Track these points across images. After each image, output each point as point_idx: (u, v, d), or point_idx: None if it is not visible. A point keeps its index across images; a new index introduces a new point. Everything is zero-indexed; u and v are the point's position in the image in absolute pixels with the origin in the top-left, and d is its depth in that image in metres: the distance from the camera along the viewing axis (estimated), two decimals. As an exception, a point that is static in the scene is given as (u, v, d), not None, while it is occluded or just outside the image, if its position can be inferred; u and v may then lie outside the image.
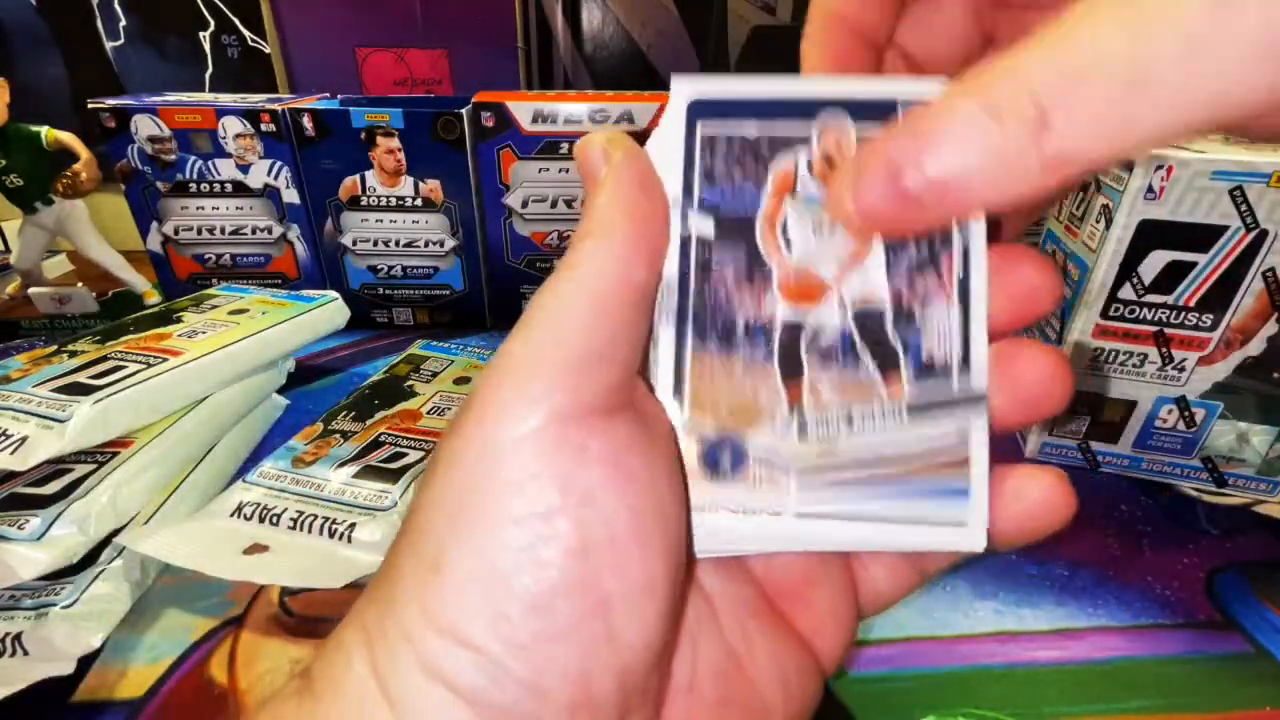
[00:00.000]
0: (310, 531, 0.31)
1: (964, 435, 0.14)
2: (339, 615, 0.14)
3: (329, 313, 0.47)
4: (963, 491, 0.14)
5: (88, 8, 0.76)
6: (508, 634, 0.12)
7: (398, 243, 0.57)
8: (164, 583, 0.33)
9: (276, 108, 0.53)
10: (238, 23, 0.78)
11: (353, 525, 0.31)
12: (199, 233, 0.57)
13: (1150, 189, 0.34)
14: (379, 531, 0.31)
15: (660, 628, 0.13)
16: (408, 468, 0.35)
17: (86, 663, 0.28)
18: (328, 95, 0.61)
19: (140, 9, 0.77)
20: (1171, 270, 0.36)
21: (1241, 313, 0.36)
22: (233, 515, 0.32)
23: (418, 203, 0.55)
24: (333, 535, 0.31)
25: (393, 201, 0.55)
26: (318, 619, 0.31)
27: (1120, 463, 0.42)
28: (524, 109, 0.52)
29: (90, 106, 0.53)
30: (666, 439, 0.14)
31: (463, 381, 0.45)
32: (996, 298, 0.15)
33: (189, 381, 0.37)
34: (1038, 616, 0.32)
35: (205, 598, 0.32)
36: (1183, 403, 0.39)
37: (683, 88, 0.15)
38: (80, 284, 0.61)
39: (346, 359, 0.55)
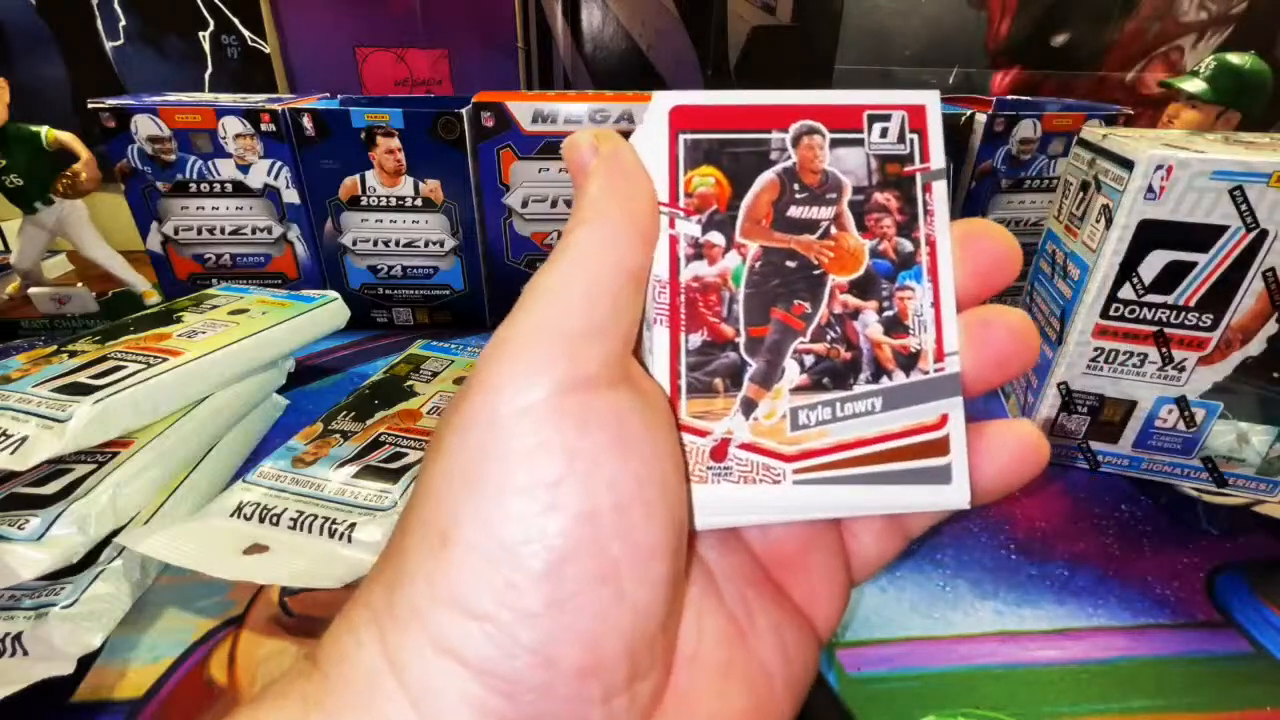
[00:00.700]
0: (310, 531, 0.31)
1: (941, 415, 0.15)
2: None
3: (329, 313, 0.47)
4: (945, 464, 0.15)
5: (88, 8, 0.76)
6: (517, 602, 0.12)
7: (398, 243, 0.57)
8: (164, 583, 0.33)
9: (276, 108, 0.53)
10: (237, 23, 0.78)
11: (353, 525, 0.31)
12: (199, 233, 0.57)
13: (1150, 189, 0.34)
14: (379, 531, 0.31)
15: (665, 593, 0.14)
16: (408, 468, 0.35)
17: (86, 663, 0.28)
18: (328, 95, 0.61)
19: (140, 9, 0.77)
20: (1171, 270, 0.36)
21: (1241, 313, 0.36)
22: (233, 515, 0.32)
23: (418, 203, 0.55)
24: (333, 535, 0.31)
25: (393, 201, 0.55)
26: (318, 619, 0.31)
27: (1120, 463, 0.42)
28: (524, 109, 0.52)
29: (90, 106, 0.53)
30: (665, 412, 0.15)
31: (463, 381, 0.45)
32: (962, 273, 0.16)
33: (189, 381, 0.37)
34: (1038, 616, 0.32)
35: (205, 598, 0.32)
36: (1183, 403, 0.39)
37: (664, 99, 0.16)
38: (80, 284, 0.61)
39: (346, 359, 0.55)
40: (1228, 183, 0.33)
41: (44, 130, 0.56)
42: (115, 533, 0.31)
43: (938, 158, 0.16)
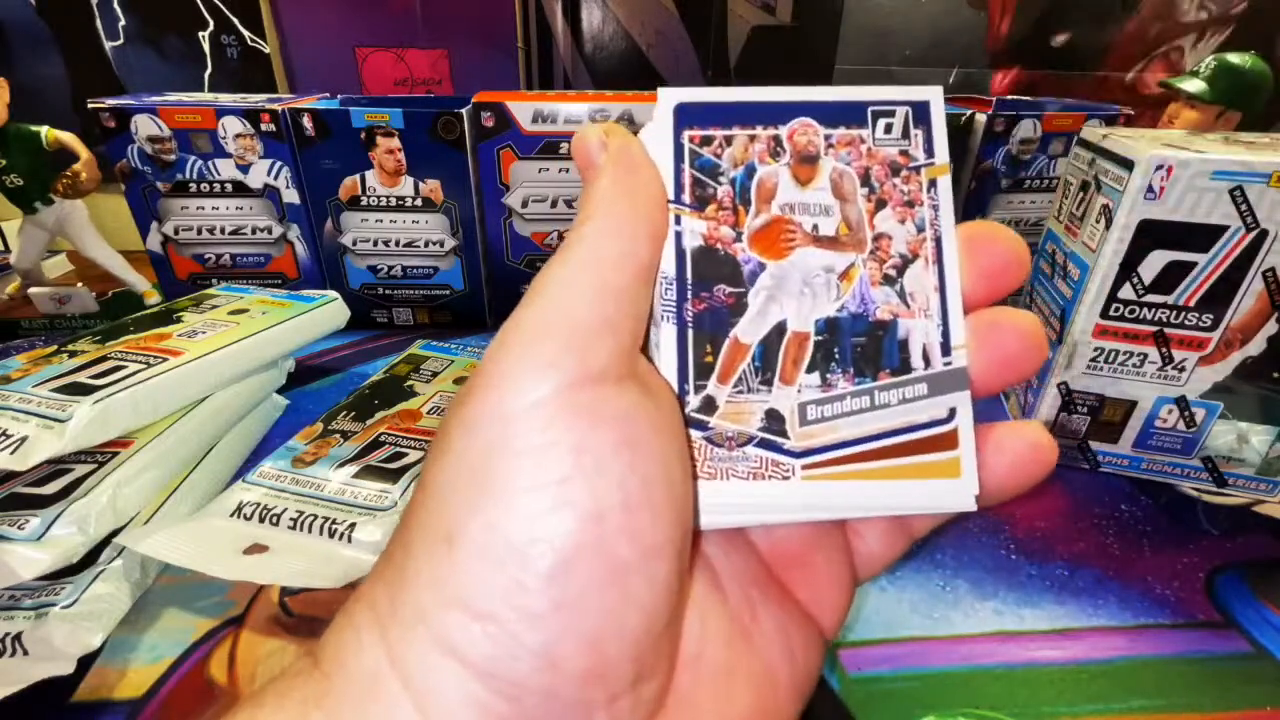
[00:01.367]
0: (310, 531, 0.31)
1: (951, 410, 0.15)
2: (338, 615, 0.14)
3: (329, 313, 0.47)
4: (953, 448, 0.15)
5: (88, 8, 0.76)
6: (523, 603, 0.12)
7: (398, 243, 0.57)
8: (164, 583, 0.33)
9: (276, 108, 0.53)
10: (237, 23, 0.78)
11: (353, 525, 0.31)
12: (199, 233, 0.57)
13: (1150, 189, 0.34)
14: (379, 531, 0.31)
15: (671, 594, 0.13)
16: (408, 468, 0.35)
17: (86, 663, 0.28)
18: (328, 95, 0.61)
19: (140, 9, 0.77)
20: (1171, 270, 0.36)
21: (1241, 313, 0.36)
22: (232, 515, 0.32)
23: (418, 203, 0.55)
24: (333, 535, 0.31)
25: (393, 201, 0.55)
26: (318, 619, 0.31)
27: (1120, 463, 0.42)
28: (524, 109, 0.52)
29: (90, 106, 0.53)
30: (673, 409, 0.15)
31: (463, 381, 0.45)
32: (970, 275, 0.16)
33: (189, 381, 0.37)
34: (1038, 616, 0.32)
35: (205, 598, 0.32)
36: (1183, 403, 0.39)
37: (668, 95, 0.16)
38: (80, 284, 0.61)
39: (346, 359, 0.55)
40: (1228, 183, 0.33)
41: (44, 130, 0.56)
42: (115, 533, 0.31)
43: (941, 153, 0.16)
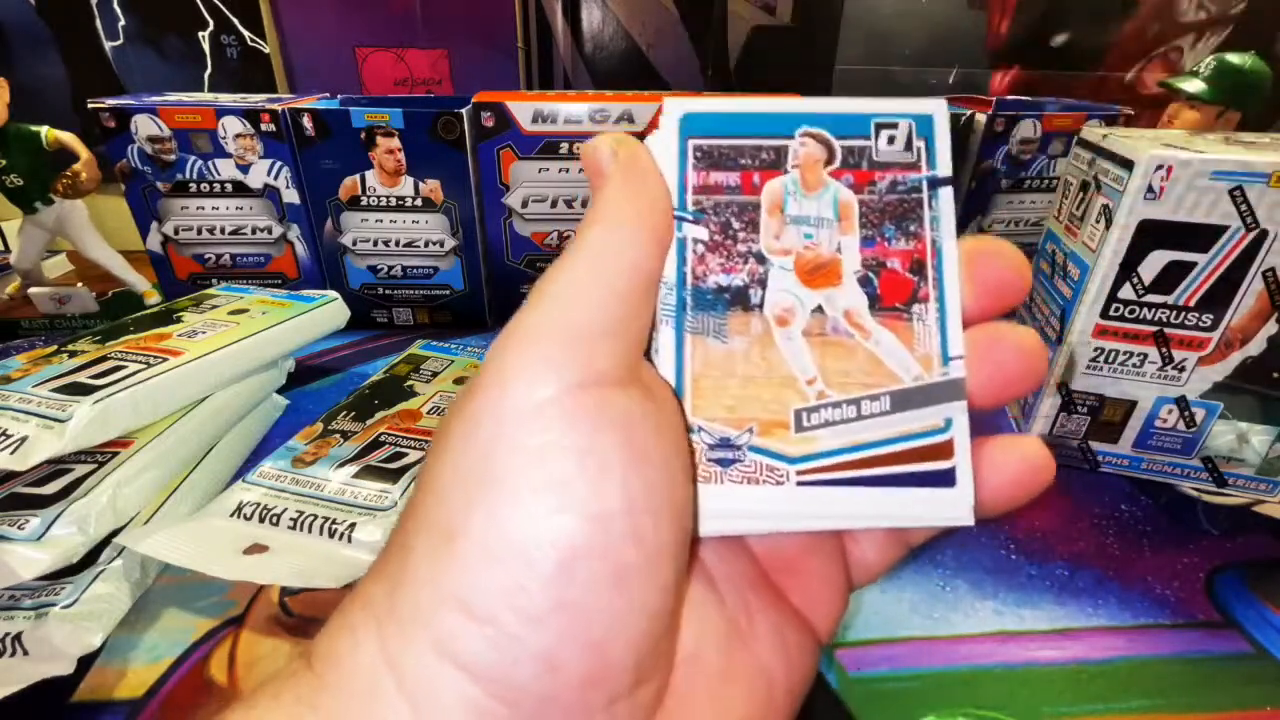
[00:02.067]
0: (310, 531, 0.31)
1: (947, 421, 0.15)
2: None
3: (329, 313, 0.47)
4: (949, 468, 0.15)
5: (88, 8, 0.76)
6: (525, 606, 0.12)
7: (398, 243, 0.57)
8: (164, 583, 0.33)
9: (276, 108, 0.53)
10: (237, 23, 0.78)
11: (353, 525, 0.31)
12: (199, 233, 0.57)
13: (1150, 189, 0.34)
14: (379, 531, 0.31)
15: (671, 598, 0.13)
16: (408, 468, 0.35)
17: (86, 663, 0.28)
18: (328, 95, 0.61)
19: (140, 9, 0.77)
20: (1171, 270, 0.36)
21: (1241, 313, 0.36)
22: (232, 515, 0.32)
23: (418, 203, 0.55)
24: (333, 535, 0.31)
25: (393, 201, 0.55)
26: (318, 619, 0.31)
27: (1120, 463, 0.42)
28: (524, 109, 0.52)
29: (90, 106, 0.53)
30: (674, 414, 0.15)
31: (463, 381, 0.45)
32: (972, 287, 0.16)
33: (189, 381, 0.37)
34: (1038, 616, 0.32)
35: (205, 598, 0.32)
36: (1183, 403, 0.39)
37: (675, 105, 0.16)
38: (80, 284, 0.61)
39: (346, 359, 0.55)
40: (1228, 183, 0.33)
41: (44, 130, 0.56)
42: (115, 533, 0.31)
43: (944, 165, 0.16)
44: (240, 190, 0.55)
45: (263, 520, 0.32)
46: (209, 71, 0.81)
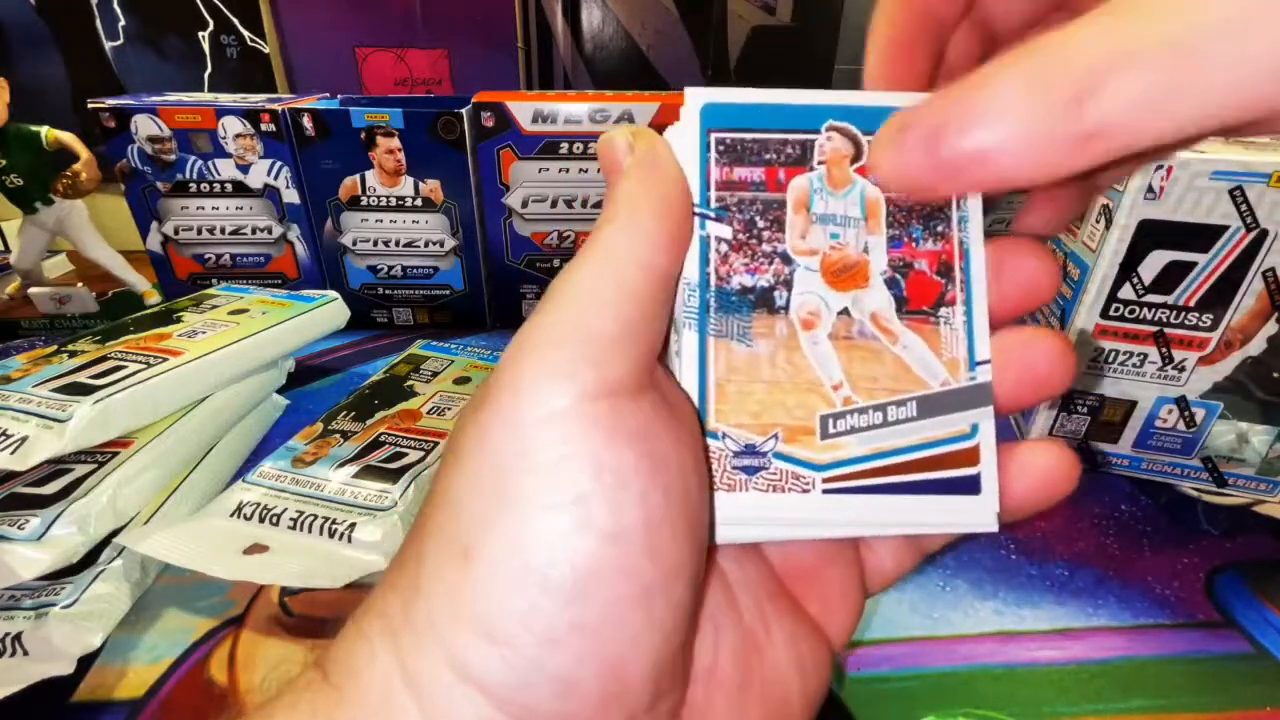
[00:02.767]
0: (310, 531, 0.31)
1: (973, 427, 0.15)
2: (339, 615, 0.14)
3: (329, 313, 0.47)
4: (974, 474, 0.15)
5: (88, 8, 0.76)
6: (542, 627, 0.12)
7: (398, 243, 0.57)
8: (164, 583, 0.33)
9: (276, 108, 0.53)
10: (237, 23, 0.78)
11: (353, 525, 0.31)
12: (199, 233, 0.57)
13: (1150, 189, 0.34)
14: (379, 531, 0.31)
15: (689, 612, 0.13)
16: (408, 468, 0.35)
17: (86, 663, 0.28)
18: (328, 95, 0.61)
19: (140, 9, 0.77)
20: (1171, 270, 0.36)
21: (1241, 313, 0.36)
22: (233, 515, 0.32)
23: (418, 203, 0.55)
24: (333, 535, 0.31)
25: (393, 201, 0.55)
26: (318, 619, 0.31)
27: (1120, 463, 0.42)
28: (524, 109, 0.52)
29: (90, 106, 0.53)
30: (691, 421, 0.14)
31: (463, 381, 0.45)
32: (1000, 287, 0.15)
33: (189, 381, 0.37)
34: (1038, 616, 0.32)
35: (205, 598, 0.32)
36: (1183, 403, 0.39)
37: (696, 95, 0.15)
38: (80, 284, 0.61)
39: (346, 359, 0.55)
40: (1228, 183, 0.33)
41: (44, 130, 0.56)
42: (115, 533, 0.31)
43: None
44: (240, 190, 0.55)
45: (263, 520, 0.32)
46: (209, 71, 0.81)
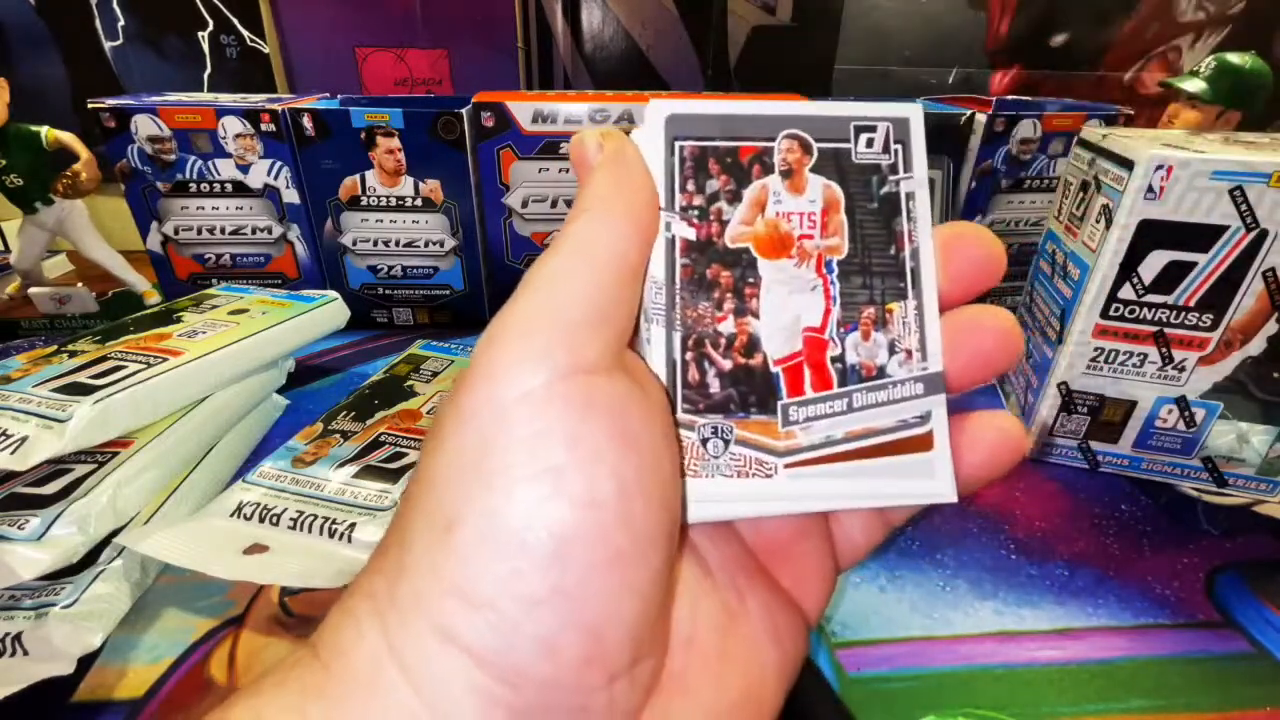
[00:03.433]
0: (310, 531, 0.31)
1: (926, 412, 0.16)
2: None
3: (329, 313, 0.47)
4: (929, 457, 0.16)
5: (87, 8, 0.76)
6: (522, 591, 0.12)
7: (398, 243, 0.57)
8: (164, 583, 0.33)
9: (276, 108, 0.53)
10: (237, 23, 0.78)
11: (353, 525, 0.31)
12: (199, 233, 0.57)
13: (1150, 189, 0.34)
14: (379, 531, 0.31)
15: (664, 579, 0.14)
16: (408, 468, 0.35)
17: (86, 663, 0.28)
18: (328, 95, 0.61)
19: (139, 9, 0.77)
20: (1171, 270, 0.36)
21: (1241, 313, 0.36)
22: (233, 515, 0.32)
23: (418, 203, 0.55)
24: (333, 535, 0.31)
25: (393, 201, 0.55)
26: (318, 619, 0.31)
27: (1120, 463, 0.42)
28: (524, 109, 0.52)
29: (90, 106, 0.53)
30: (662, 403, 0.15)
31: (463, 381, 0.45)
32: (947, 275, 0.16)
33: (189, 381, 0.37)
34: (1038, 616, 0.32)
35: (205, 598, 0.32)
36: (1183, 403, 0.39)
37: (660, 106, 0.16)
38: (80, 284, 0.61)
39: (346, 359, 0.55)
40: (1228, 183, 0.33)
41: (44, 130, 0.56)
42: (115, 533, 0.31)
43: (920, 168, 0.17)
44: (240, 190, 0.55)
45: (263, 520, 0.32)
46: (209, 71, 0.81)
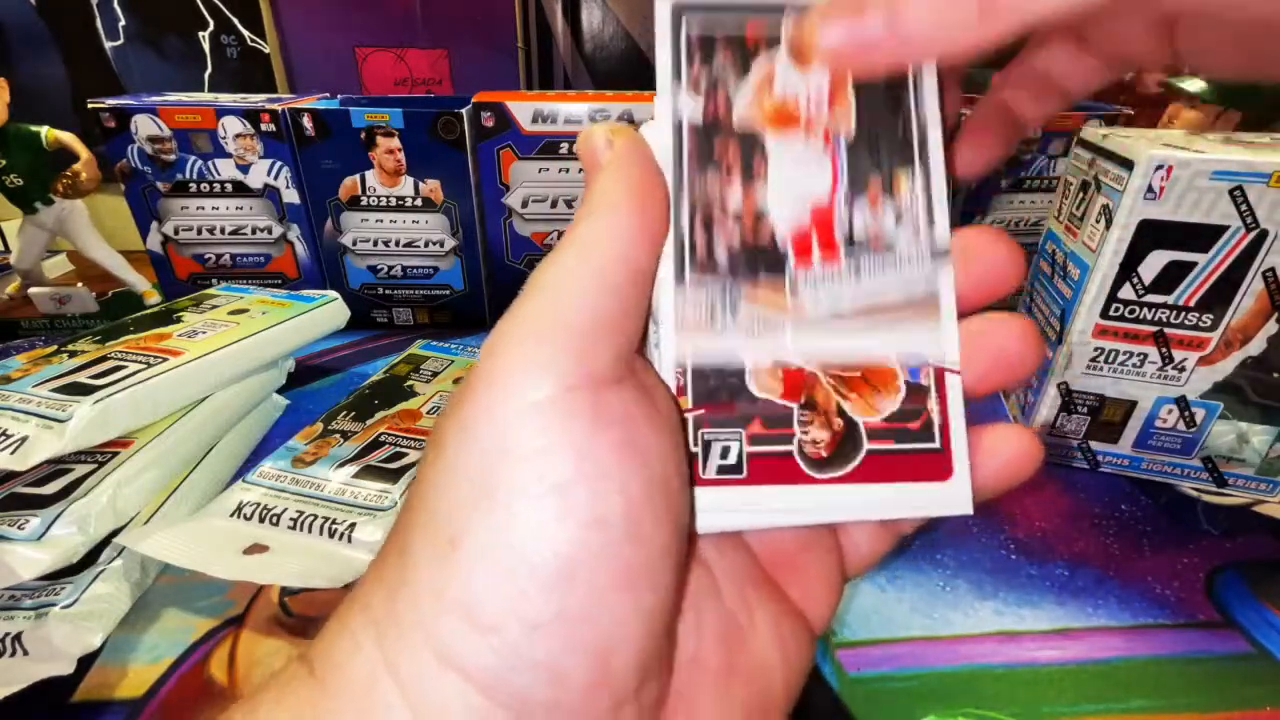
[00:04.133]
0: (310, 531, 0.31)
1: (933, 284, 0.16)
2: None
3: (329, 313, 0.47)
4: (945, 459, 0.16)
5: (88, 8, 0.76)
6: (527, 614, 0.12)
7: (398, 243, 0.57)
8: (164, 583, 0.33)
9: (276, 108, 0.53)
10: (237, 23, 0.78)
11: (353, 525, 0.31)
12: (199, 233, 0.57)
13: (1150, 189, 0.34)
14: (379, 531, 0.31)
15: (672, 598, 0.13)
16: (408, 468, 0.35)
17: (86, 663, 0.28)
18: (328, 95, 0.61)
19: (140, 9, 0.77)
20: (1171, 270, 0.36)
21: (1241, 313, 0.36)
22: (233, 515, 0.32)
23: (418, 203, 0.55)
24: (333, 535, 0.31)
25: (393, 201, 0.55)
26: (318, 619, 0.31)
27: (1120, 463, 0.42)
28: (524, 109, 0.52)
29: (90, 106, 0.53)
30: (671, 412, 0.15)
31: (463, 381, 0.45)
32: (967, 276, 0.16)
33: (189, 381, 0.37)
34: (1038, 616, 0.32)
35: (205, 598, 0.32)
36: (1183, 403, 0.39)
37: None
38: (80, 284, 0.61)
39: (346, 359, 0.55)
40: (1228, 183, 0.33)
41: (44, 130, 0.56)
42: (115, 533, 0.31)
43: None
44: (240, 190, 0.55)
45: (263, 520, 0.32)
46: (209, 71, 0.81)
